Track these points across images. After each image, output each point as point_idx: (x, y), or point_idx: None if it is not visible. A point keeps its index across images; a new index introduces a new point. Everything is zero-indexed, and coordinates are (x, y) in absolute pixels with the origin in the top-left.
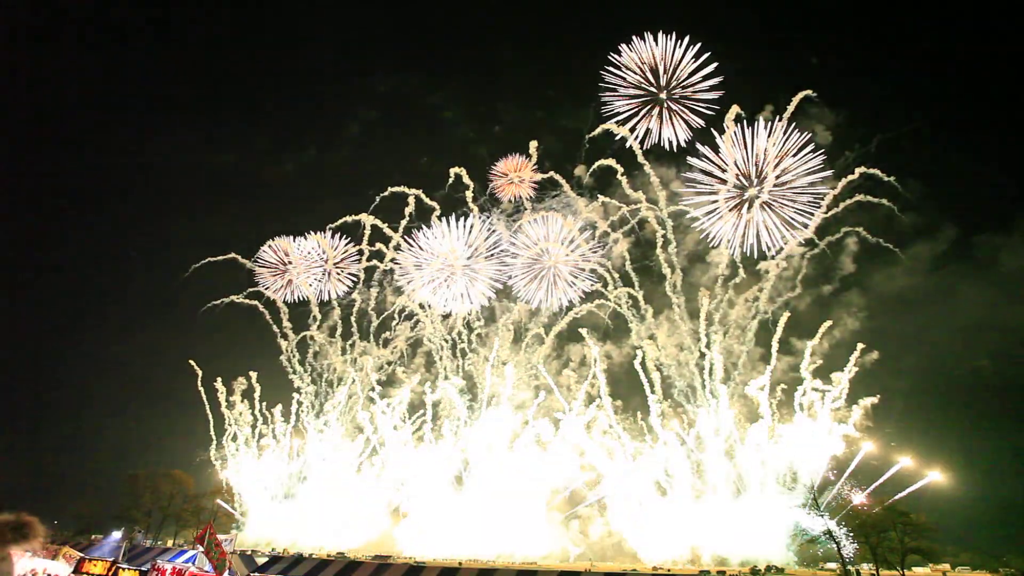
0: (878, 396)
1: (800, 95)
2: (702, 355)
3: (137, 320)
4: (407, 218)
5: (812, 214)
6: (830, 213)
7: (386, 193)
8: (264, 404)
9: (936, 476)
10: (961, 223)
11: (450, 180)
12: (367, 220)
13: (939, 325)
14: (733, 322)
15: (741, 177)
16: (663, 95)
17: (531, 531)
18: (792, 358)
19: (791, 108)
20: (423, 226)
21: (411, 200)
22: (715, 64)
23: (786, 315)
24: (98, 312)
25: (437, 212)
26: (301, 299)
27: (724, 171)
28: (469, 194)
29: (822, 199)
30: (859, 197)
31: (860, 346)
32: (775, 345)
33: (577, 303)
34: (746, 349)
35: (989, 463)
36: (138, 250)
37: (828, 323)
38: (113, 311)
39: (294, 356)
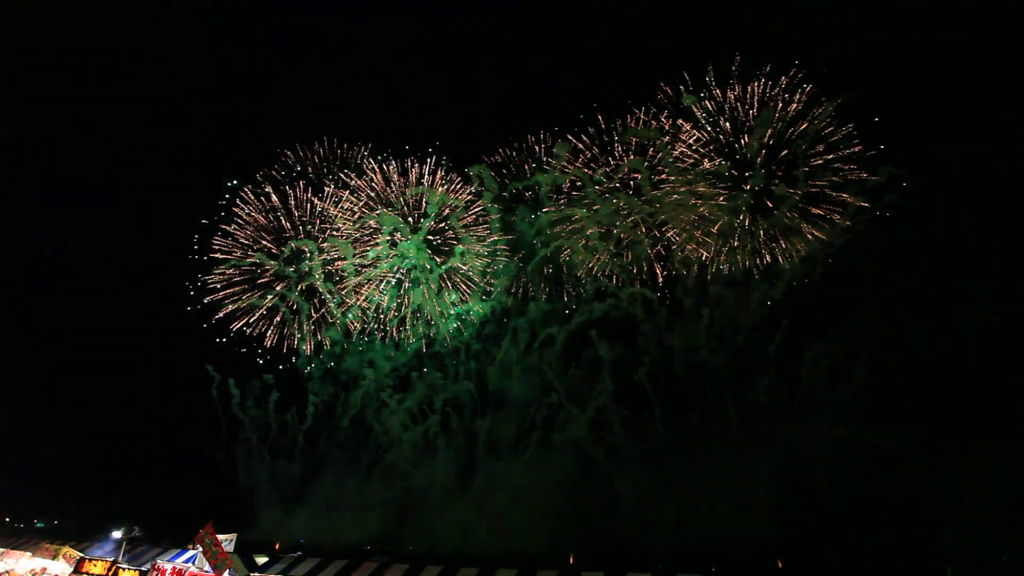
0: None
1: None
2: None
3: (144, 319)
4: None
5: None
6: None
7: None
8: (276, 405)
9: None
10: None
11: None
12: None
13: (950, 327)
14: (744, 324)
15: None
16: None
17: (533, 530)
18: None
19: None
20: None
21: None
22: None
23: (784, 322)
24: (101, 311)
25: None
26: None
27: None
28: None
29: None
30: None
31: (865, 351)
32: (774, 349)
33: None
34: (756, 352)
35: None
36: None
37: (835, 332)
38: (115, 309)
39: (312, 359)
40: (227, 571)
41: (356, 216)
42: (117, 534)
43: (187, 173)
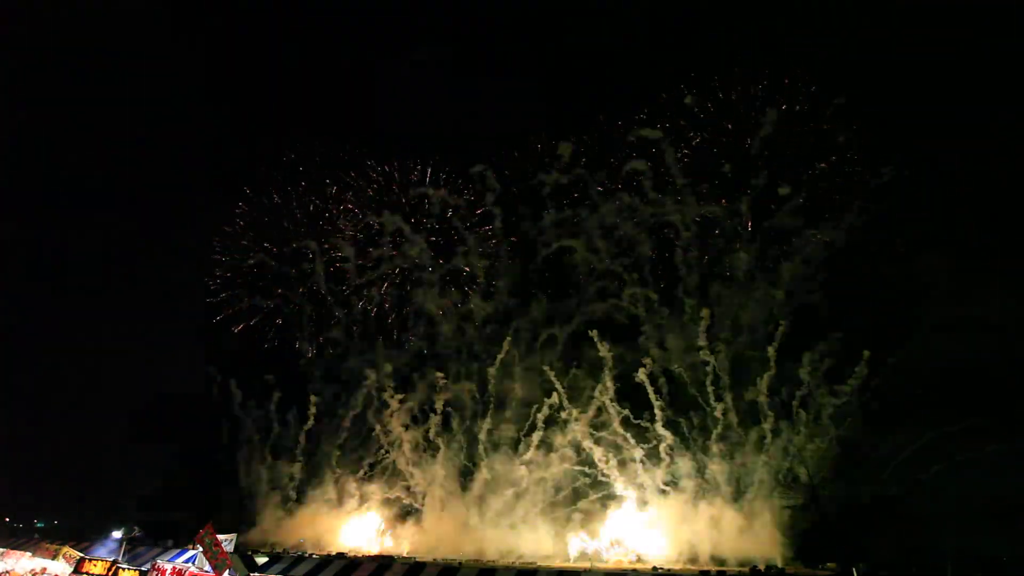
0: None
1: None
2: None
3: (145, 319)
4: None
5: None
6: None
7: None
8: (277, 405)
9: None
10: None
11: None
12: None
13: (950, 327)
14: (745, 324)
15: None
16: None
17: (533, 531)
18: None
19: None
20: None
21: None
22: None
23: (784, 322)
24: (103, 311)
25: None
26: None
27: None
28: None
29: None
30: None
31: (866, 353)
32: (773, 350)
33: None
34: (757, 353)
35: (992, 464)
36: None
37: (838, 334)
38: (118, 310)
39: (313, 359)
40: (227, 571)
41: (359, 217)
42: (117, 534)
43: (188, 173)
